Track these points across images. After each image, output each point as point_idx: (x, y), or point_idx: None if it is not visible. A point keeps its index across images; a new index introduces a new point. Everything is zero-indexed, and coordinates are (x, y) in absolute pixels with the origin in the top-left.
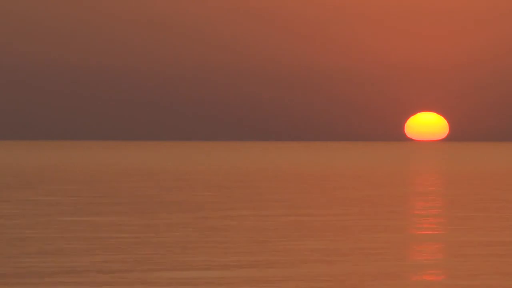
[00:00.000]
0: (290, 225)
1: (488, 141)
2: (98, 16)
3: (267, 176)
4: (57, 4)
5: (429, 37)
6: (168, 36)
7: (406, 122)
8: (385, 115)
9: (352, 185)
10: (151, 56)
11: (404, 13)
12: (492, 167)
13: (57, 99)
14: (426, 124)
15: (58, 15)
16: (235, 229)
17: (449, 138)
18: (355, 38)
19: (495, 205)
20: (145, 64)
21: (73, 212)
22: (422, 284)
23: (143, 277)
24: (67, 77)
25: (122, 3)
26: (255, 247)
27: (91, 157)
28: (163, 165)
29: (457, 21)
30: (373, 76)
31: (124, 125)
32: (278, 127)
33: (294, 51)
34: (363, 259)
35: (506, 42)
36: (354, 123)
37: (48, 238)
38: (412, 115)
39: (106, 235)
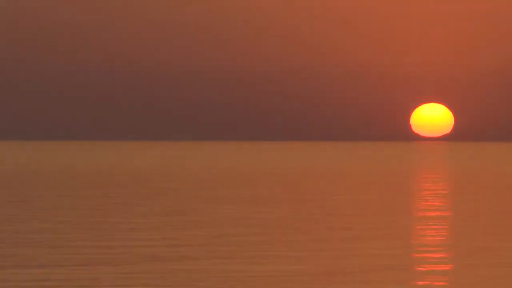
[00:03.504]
0: None
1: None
2: (99, 16)
3: (265, 175)
4: (58, 5)
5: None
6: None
7: (411, 115)
8: (387, 112)
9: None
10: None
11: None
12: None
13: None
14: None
15: (59, 15)
16: None
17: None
18: (355, 37)
19: None
20: (146, 62)
21: None
22: None
23: None
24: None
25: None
26: None
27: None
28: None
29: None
30: (373, 72)
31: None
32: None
33: (293, 50)
34: None
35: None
36: (355, 121)
37: None
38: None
39: None
